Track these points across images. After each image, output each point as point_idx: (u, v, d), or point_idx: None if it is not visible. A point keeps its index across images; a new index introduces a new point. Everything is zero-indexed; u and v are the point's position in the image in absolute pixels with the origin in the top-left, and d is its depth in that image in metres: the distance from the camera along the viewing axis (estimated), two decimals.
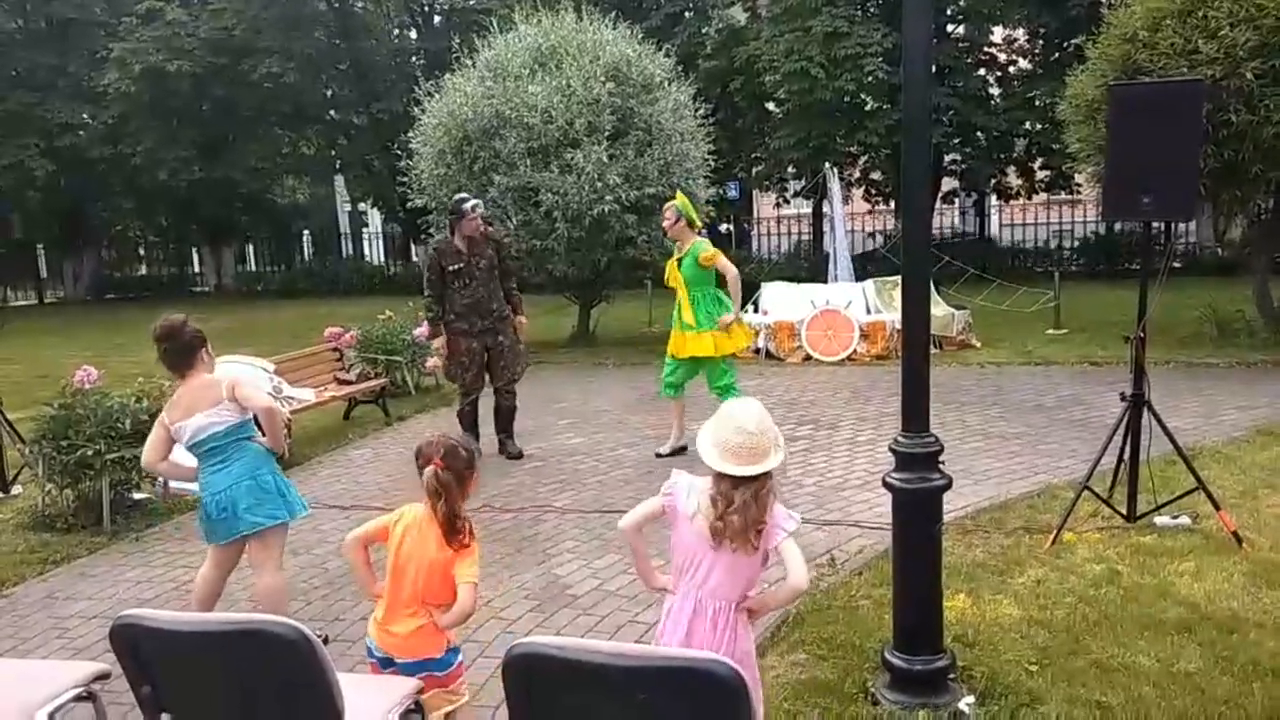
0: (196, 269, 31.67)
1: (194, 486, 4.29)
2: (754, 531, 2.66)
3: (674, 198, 7.13)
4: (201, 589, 4.17)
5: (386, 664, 3.03)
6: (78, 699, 2.94)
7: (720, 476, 2.68)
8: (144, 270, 33.61)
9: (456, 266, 7.00)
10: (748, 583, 2.78)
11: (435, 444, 2.99)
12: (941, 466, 3.36)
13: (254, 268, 32.12)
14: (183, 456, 4.11)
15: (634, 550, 2.94)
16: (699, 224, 7.11)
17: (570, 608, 4.55)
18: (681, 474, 2.86)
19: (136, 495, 6.42)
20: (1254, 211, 11.25)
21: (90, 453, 5.85)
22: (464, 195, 7.36)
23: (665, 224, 6.97)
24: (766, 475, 2.67)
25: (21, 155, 23.19)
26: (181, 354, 3.97)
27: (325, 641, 3.52)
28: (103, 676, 3.02)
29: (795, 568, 2.67)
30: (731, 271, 6.86)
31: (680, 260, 6.84)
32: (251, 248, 32.48)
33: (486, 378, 7.31)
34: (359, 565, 3.16)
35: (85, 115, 24.83)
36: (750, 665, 2.80)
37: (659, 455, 7.13)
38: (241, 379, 4.04)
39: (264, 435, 4.07)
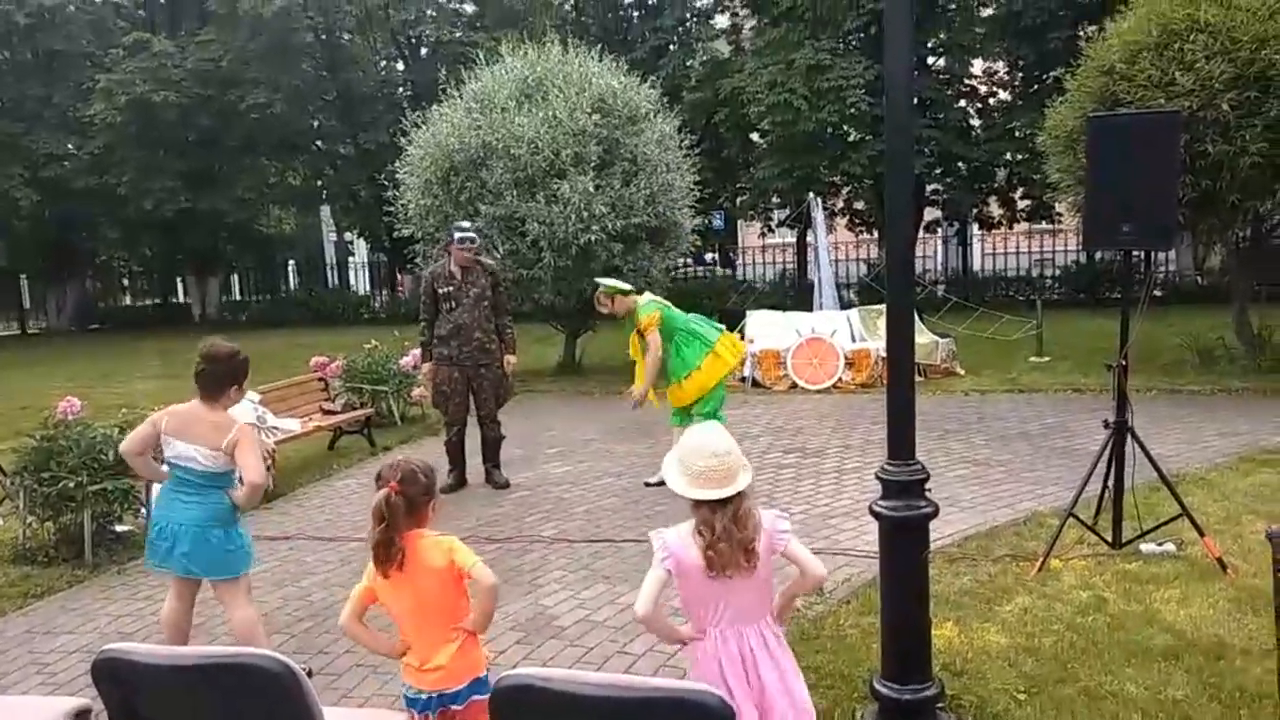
0: (182, 299, 31.58)
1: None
2: (744, 553, 2.67)
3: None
4: (167, 621, 4.14)
5: (438, 704, 2.93)
6: None
7: (697, 505, 2.70)
8: (129, 300, 33.50)
9: (447, 290, 7.05)
10: (769, 594, 2.83)
11: (395, 467, 2.94)
12: (928, 494, 3.37)
13: (239, 297, 32.07)
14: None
15: (655, 630, 2.85)
16: (629, 288, 6.96)
17: (557, 639, 4.52)
18: (660, 532, 2.82)
19: (119, 528, 6.35)
20: (1232, 240, 11.40)
21: (72, 485, 5.79)
22: (464, 225, 7.34)
23: (604, 310, 6.86)
24: (740, 496, 2.70)
25: (6, 185, 23.14)
26: (214, 381, 3.96)
27: (309, 675, 3.49)
28: (84, 712, 2.98)
29: (809, 563, 2.79)
30: (653, 349, 6.63)
31: (639, 331, 6.77)
32: (236, 277, 32.43)
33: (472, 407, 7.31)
34: (366, 640, 3.06)
35: (71, 145, 24.85)
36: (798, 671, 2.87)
37: (647, 484, 7.11)
38: (248, 440, 3.94)
39: (240, 490, 3.99)
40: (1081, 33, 15.32)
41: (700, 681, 2.73)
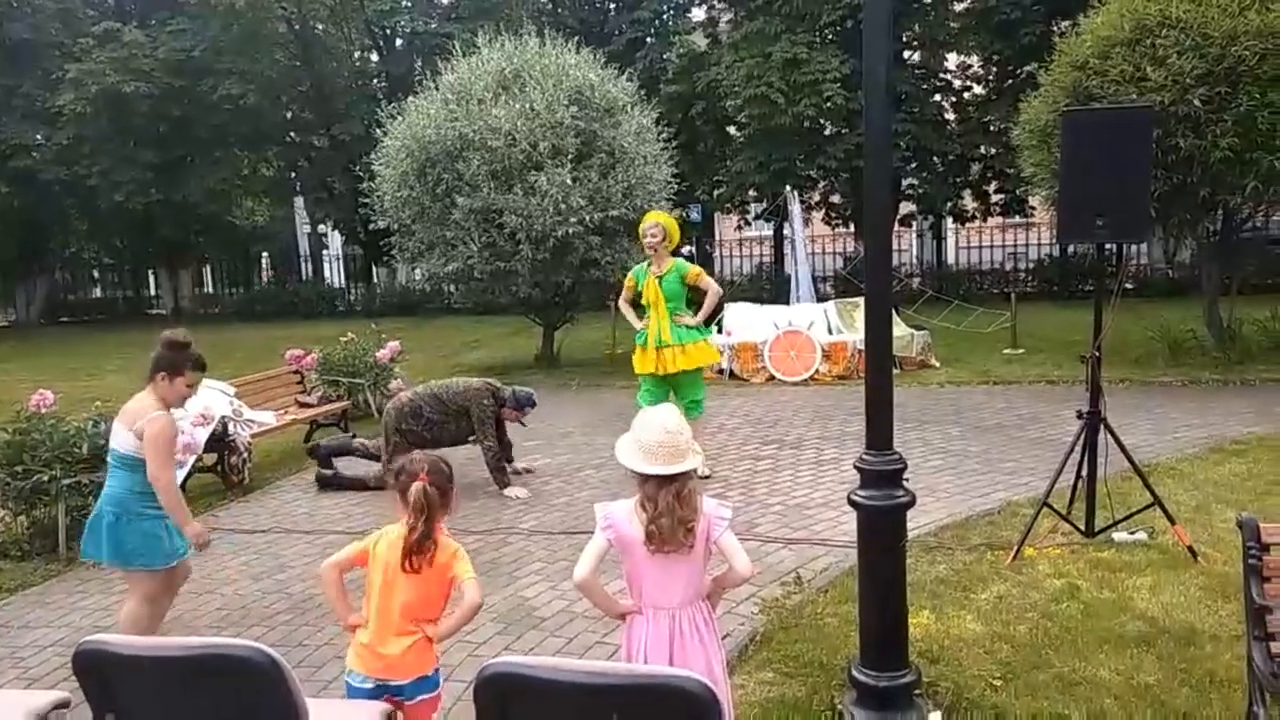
0: (153, 291, 31.24)
1: None
2: (684, 530, 2.75)
3: (656, 216, 7.11)
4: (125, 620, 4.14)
5: (379, 693, 2.94)
6: None
7: (644, 480, 2.79)
8: (99, 293, 33.11)
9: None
10: (702, 578, 2.90)
11: (419, 461, 2.96)
12: (905, 484, 3.41)
13: (212, 290, 31.78)
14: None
15: (593, 598, 2.94)
16: (675, 242, 7.15)
17: (538, 629, 4.53)
18: (605, 504, 2.91)
19: None
20: (1203, 233, 11.55)
21: (46, 478, 5.74)
22: (531, 395, 7.48)
23: (651, 240, 6.88)
24: (686, 476, 2.78)
25: None
26: (152, 364, 4.03)
27: None
28: (62, 705, 2.96)
29: (738, 558, 2.85)
30: (714, 287, 7.02)
31: (661, 278, 6.88)
32: (209, 270, 32.13)
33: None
34: (335, 595, 3.07)
35: (39, 136, 24.46)
36: (722, 658, 2.93)
37: None
38: (154, 434, 3.89)
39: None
40: (1055, 28, 15.47)
41: (627, 655, 2.87)
